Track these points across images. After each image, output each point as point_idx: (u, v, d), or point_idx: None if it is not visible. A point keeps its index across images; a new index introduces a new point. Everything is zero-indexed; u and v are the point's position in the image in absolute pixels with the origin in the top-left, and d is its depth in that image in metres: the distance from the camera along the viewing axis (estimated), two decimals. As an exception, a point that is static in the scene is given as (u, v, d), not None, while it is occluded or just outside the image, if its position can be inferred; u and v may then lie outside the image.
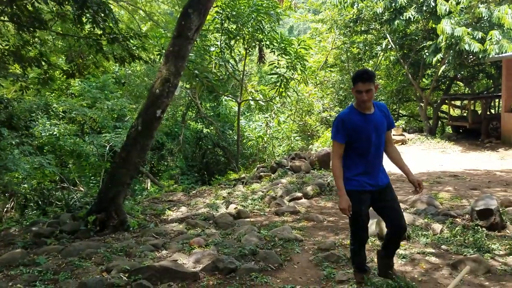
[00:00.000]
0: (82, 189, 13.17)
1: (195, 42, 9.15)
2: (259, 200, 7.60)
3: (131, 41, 7.57)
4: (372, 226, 5.43)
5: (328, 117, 18.09)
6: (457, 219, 5.75)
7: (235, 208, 7.06)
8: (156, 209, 7.51)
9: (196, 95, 14.84)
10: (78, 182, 13.67)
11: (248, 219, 6.54)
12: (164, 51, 9.59)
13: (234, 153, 15.35)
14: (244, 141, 14.73)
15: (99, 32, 7.16)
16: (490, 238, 5.01)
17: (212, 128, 16.66)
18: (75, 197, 11.02)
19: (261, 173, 9.93)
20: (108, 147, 12.40)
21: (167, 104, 6.46)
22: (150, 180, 15.56)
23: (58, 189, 12.11)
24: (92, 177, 13.87)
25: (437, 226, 5.43)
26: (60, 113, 14.37)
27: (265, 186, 8.80)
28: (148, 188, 15.09)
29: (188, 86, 14.03)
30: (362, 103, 3.55)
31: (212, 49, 11.53)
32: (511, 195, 7.12)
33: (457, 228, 5.29)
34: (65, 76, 8.52)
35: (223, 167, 16.03)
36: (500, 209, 5.60)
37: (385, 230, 5.11)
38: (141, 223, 6.42)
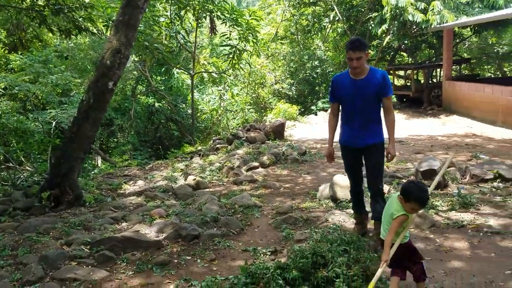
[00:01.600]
0: (28, 168, 12.63)
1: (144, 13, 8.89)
2: (217, 171, 7.70)
3: (77, 12, 7.25)
4: (326, 189, 5.72)
5: (280, 89, 18.30)
6: (403, 180, 6.15)
7: (193, 180, 7.12)
8: (112, 184, 7.42)
9: (146, 68, 14.46)
10: (24, 161, 13.07)
11: (207, 190, 6.65)
12: (111, 22, 9.26)
13: (188, 127, 15.25)
14: (198, 114, 14.66)
15: (42, 3, 6.79)
16: (434, 196, 5.43)
17: (164, 102, 16.36)
18: (22, 176, 10.58)
19: (218, 145, 10.01)
20: (54, 124, 11.91)
21: (119, 76, 6.32)
22: (101, 157, 15.16)
23: (2, 169, 11.55)
24: (39, 155, 13.32)
25: (385, 187, 5.79)
26: (0, 90, 13.54)
27: (222, 157, 8.90)
28: (99, 165, 14.72)
29: (137, 58, 13.64)
30: (352, 69, 3.88)
31: (162, 19, 11.24)
32: (452, 157, 7.68)
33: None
34: (6, 51, 8.03)
35: (177, 141, 15.90)
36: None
37: (338, 193, 5.44)
38: (98, 197, 6.35)
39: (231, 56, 11.87)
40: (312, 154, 8.91)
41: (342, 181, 5.54)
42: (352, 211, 4.99)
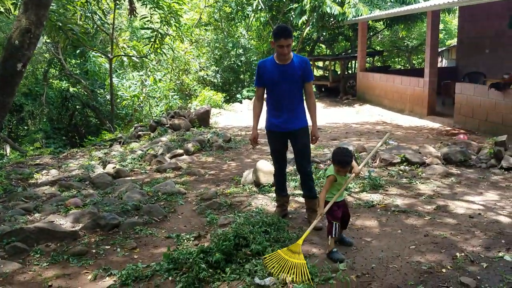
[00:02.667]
0: None
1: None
2: (139, 159, 7.49)
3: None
4: (249, 175, 5.85)
5: (205, 77, 18.14)
6: (320, 165, 6.49)
7: (113, 168, 6.87)
8: (23, 173, 6.91)
9: (59, 50, 13.53)
10: None
11: (128, 178, 6.45)
12: (20, 0, 8.52)
13: (107, 114, 14.58)
14: (118, 100, 14.06)
15: None
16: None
17: (80, 87, 15.47)
18: None
19: (140, 132, 9.72)
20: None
21: (29, 57, 5.84)
22: (9, 145, 14.00)
23: None
24: None
25: (304, 171, 6.05)
26: None
27: (145, 145, 8.67)
28: (8, 154, 13.60)
29: (49, 40, 12.70)
30: (282, 55, 3.98)
31: (76, -1, 10.56)
32: (364, 143, 8.23)
33: (320, 172, 5.97)
34: None
35: (95, 128, 15.18)
36: (355, 154, 6.47)
37: (261, 178, 5.59)
38: (7, 188, 5.89)
39: (152, 40, 11.52)
40: (237, 141, 9.01)
41: (265, 166, 5.70)
42: (274, 195, 5.18)
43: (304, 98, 4.24)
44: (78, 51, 12.23)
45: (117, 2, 11.60)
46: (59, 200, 5.24)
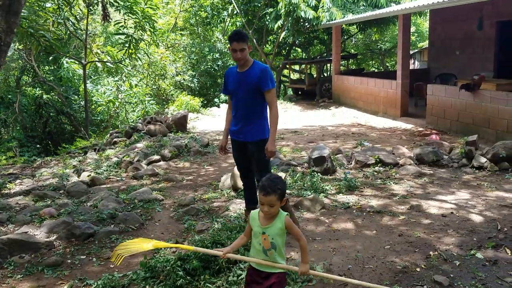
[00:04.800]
0: None
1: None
2: (115, 166, 7.40)
3: None
4: (227, 180, 5.86)
5: (182, 81, 18.05)
6: (297, 168, 6.55)
7: (88, 176, 6.76)
8: (-5, 184, 6.73)
9: (32, 56, 13.26)
10: None
11: (104, 186, 6.36)
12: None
13: (81, 121, 14.35)
14: (93, 106, 13.85)
15: None
16: (324, 180, 5.88)
17: (53, 93, 15.17)
18: None
19: (115, 139, 9.60)
20: None
21: (1, 65, 5.73)
22: (-20, 155, 13.61)
23: None
24: None
25: (282, 175, 6.10)
26: None
27: (120, 151, 8.57)
28: (-21, 164, 13.21)
29: (21, 46, 12.43)
30: (236, 60, 3.94)
31: (48, 5, 10.37)
32: (340, 145, 8.36)
33: (297, 175, 6.04)
34: None
35: (70, 136, 14.89)
36: (332, 156, 6.57)
37: (238, 182, 5.60)
38: (-22, 199, 5.72)
39: (127, 45, 11.41)
40: (215, 145, 9.00)
41: (241, 171, 5.72)
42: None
43: (268, 108, 4.03)
44: (51, 58, 12.02)
45: (90, 8, 11.45)
46: (33, 210, 5.12)
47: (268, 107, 4.02)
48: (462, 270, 3.36)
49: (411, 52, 16.64)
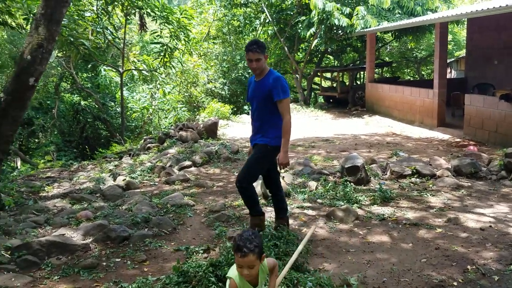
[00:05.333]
0: None
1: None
2: (148, 170, 7.54)
3: (-5, 4, 6.72)
4: (257, 187, 5.84)
5: (213, 89, 18.27)
6: (329, 177, 6.47)
7: (123, 180, 6.91)
8: (34, 186, 6.98)
9: (71, 64, 13.75)
10: None
11: (138, 190, 6.48)
12: (31, 15, 8.69)
13: (117, 126, 14.73)
14: (128, 113, 14.21)
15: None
16: (358, 191, 5.77)
17: (91, 100, 15.67)
18: None
19: (149, 145, 9.79)
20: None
21: (41, 72, 5.93)
22: (20, 158, 14.19)
23: None
24: None
25: (313, 184, 6.05)
26: None
27: (154, 157, 8.73)
28: (19, 167, 13.77)
29: (61, 54, 12.92)
30: (252, 70, 3.98)
31: (88, 14, 10.75)
32: (374, 155, 8.21)
33: (329, 184, 5.96)
34: None
35: (106, 141, 15.32)
36: (365, 166, 6.45)
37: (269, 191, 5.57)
38: (18, 201, 5.94)
39: (162, 54, 11.66)
40: (244, 152, 9.01)
41: (273, 178, 5.69)
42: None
43: (280, 117, 3.96)
44: (89, 66, 12.42)
45: (128, 17, 11.79)
46: (70, 213, 5.27)
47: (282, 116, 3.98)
48: (501, 286, 3.22)
49: (448, 61, 16.22)
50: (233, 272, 2.42)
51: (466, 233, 4.31)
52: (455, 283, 3.29)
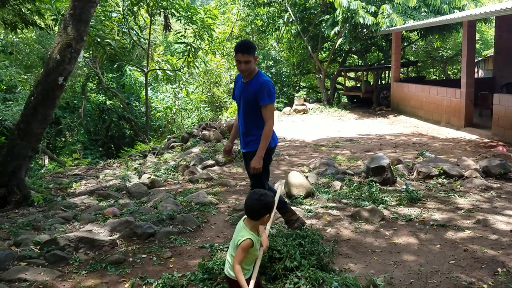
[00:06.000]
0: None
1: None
2: (172, 169, 7.61)
3: (24, 4, 6.90)
4: (281, 186, 5.83)
5: (235, 88, 18.32)
6: (354, 177, 6.39)
7: (148, 178, 7.01)
8: (62, 183, 7.15)
9: (97, 64, 14.02)
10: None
11: (162, 188, 6.56)
12: (60, 16, 8.91)
13: (141, 126, 14.95)
14: (152, 112, 14.40)
15: (-15, -8, 6.44)
16: (383, 191, 5.68)
17: (116, 100, 15.95)
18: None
19: (173, 144, 9.89)
20: (-3, 121, 11.31)
21: (70, 71, 6.10)
22: (48, 156, 14.55)
23: None
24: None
25: (337, 184, 5.99)
26: None
27: (177, 155, 8.82)
28: (46, 165, 14.14)
29: (87, 54, 13.20)
30: (240, 72, 3.88)
31: (114, 15, 10.94)
32: (400, 155, 8.07)
33: (354, 185, 5.89)
34: None
35: (130, 140, 15.57)
36: (391, 166, 6.34)
37: (292, 190, 5.55)
38: (47, 197, 6.10)
39: (186, 54, 11.76)
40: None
41: (297, 178, 5.67)
42: (307, 207, 5.15)
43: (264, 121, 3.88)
44: (115, 66, 12.65)
45: (153, 18, 11.96)
46: (97, 209, 5.37)
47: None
48: (534, 290, 3.12)
49: (475, 60, 15.81)
50: (246, 231, 2.68)
51: (495, 235, 4.19)
52: (485, 286, 3.20)
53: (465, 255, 3.77)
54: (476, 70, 19.19)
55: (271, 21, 19.05)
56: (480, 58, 20.32)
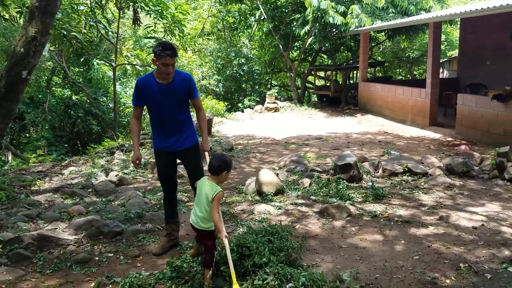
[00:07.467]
0: None
1: None
2: (141, 166, 7.49)
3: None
4: (252, 184, 5.86)
5: (207, 85, 18.21)
6: (322, 174, 6.49)
7: (116, 176, 6.88)
8: (25, 180, 6.92)
9: (63, 58, 13.62)
10: None
11: (131, 186, 6.45)
12: (25, 8, 8.59)
13: (109, 122, 14.63)
14: (121, 108, 14.10)
15: None
16: (350, 188, 5.80)
17: (82, 94, 15.54)
18: None
19: (142, 140, 9.72)
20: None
21: (34, 65, 5.88)
22: (11, 152, 14.03)
23: None
24: None
25: (306, 181, 6.07)
26: None
27: (147, 153, 8.67)
28: (10, 161, 13.62)
29: (53, 48, 12.79)
30: (166, 75, 3.71)
31: (81, 7, 10.64)
32: (366, 153, 8.25)
33: (322, 182, 5.98)
34: None
35: (98, 136, 15.21)
36: (358, 164, 6.48)
37: (263, 187, 5.59)
38: (10, 194, 5.89)
39: (156, 49, 11.56)
40: (239, 150, 9.03)
41: (267, 175, 5.71)
42: (277, 203, 5.19)
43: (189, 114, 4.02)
44: (81, 59, 12.30)
45: (122, 11, 11.70)
46: (62, 208, 5.24)
47: (196, 111, 4.07)
48: (493, 284, 3.25)
49: (441, 61, 16.31)
50: (216, 186, 3.32)
51: (458, 231, 4.35)
52: (448, 281, 3.32)
53: (428, 250, 3.90)
54: (441, 70, 19.80)
55: (243, 18, 19.02)
56: (445, 59, 20.97)
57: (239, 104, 18.81)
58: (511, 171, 6.16)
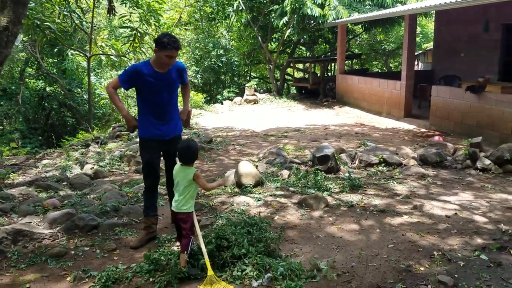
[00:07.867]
0: None
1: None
2: (118, 159, 7.39)
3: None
4: (231, 176, 5.86)
5: (184, 76, 18.00)
6: (301, 166, 6.55)
7: (91, 168, 6.77)
8: (-2, 174, 6.75)
9: (36, 48, 13.24)
10: None
11: (107, 179, 6.37)
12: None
13: (84, 113, 14.34)
14: (96, 100, 13.84)
15: None
16: (328, 179, 5.87)
17: (56, 86, 15.16)
18: None
19: (118, 133, 9.59)
20: None
21: (7, 56, 5.69)
22: (-18, 145, 13.62)
23: None
24: None
25: (285, 172, 6.12)
26: None
27: (123, 145, 8.57)
28: (-19, 154, 13.22)
29: (26, 38, 12.42)
30: (166, 66, 3.83)
31: (55, -3, 10.37)
32: (343, 144, 8.35)
33: (301, 173, 6.03)
34: None
35: (72, 128, 14.89)
36: (335, 155, 6.55)
37: (242, 179, 5.59)
38: (-19, 189, 5.73)
39: (131, 39, 11.39)
40: (218, 142, 9.00)
41: (247, 167, 5.72)
42: (256, 195, 5.21)
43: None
44: (55, 50, 12.00)
45: (96, 1, 11.44)
46: (36, 201, 5.14)
47: (184, 93, 4.36)
48: (466, 271, 3.36)
49: (416, 53, 16.58)
50: (193, 169, 3.44)
51: (431, 220, 4.47)
52: (422, 268, 3.41)
53: (403, 239, 3.99)
54: (416, 62, 20.14)
55: (221, 9, 18.83)
56: (420, 51, 21.34)
57: (218, 96, 18.69)
58: (483, 161, 6.34)
